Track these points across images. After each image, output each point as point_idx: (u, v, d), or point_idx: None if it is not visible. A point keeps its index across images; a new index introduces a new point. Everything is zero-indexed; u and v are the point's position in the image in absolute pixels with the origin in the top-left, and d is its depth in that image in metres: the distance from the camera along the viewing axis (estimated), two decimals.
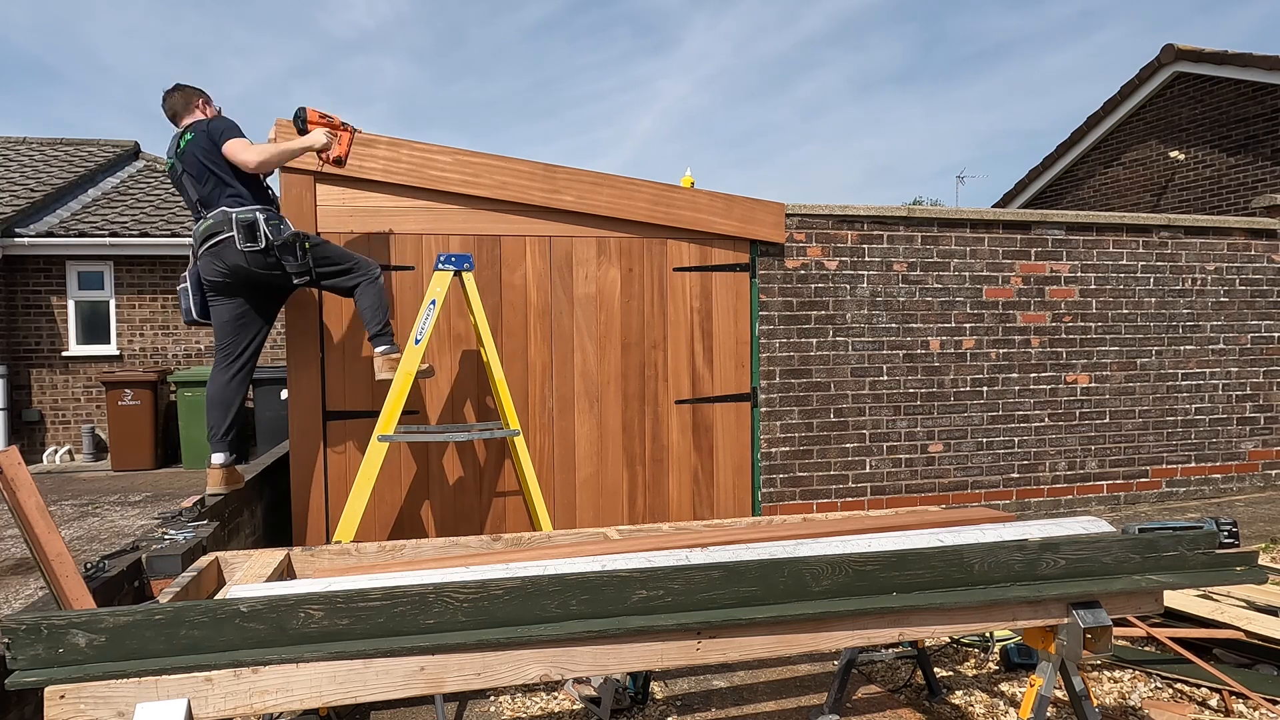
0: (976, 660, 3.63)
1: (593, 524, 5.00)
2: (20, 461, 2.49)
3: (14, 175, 11.00)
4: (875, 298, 5.68)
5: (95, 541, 5.60)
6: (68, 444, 10.06)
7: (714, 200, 5.22)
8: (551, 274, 5.00)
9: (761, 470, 5.44)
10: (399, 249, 4.78)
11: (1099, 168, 11.31)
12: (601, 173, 5.01)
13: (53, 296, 10.00)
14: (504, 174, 4.84)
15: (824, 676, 3.47)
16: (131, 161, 12.46)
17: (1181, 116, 10.07)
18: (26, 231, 9.59)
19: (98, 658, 1.74)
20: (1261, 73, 8.89)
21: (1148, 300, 6.28)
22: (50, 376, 10.03)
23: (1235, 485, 6.59)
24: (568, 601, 2.01)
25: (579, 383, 5.04)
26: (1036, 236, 6.01)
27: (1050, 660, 2.37)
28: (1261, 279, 6.56)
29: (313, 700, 1.82)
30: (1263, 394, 6.62)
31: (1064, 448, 6.14)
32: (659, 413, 5.18)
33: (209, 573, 2.59)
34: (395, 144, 4.70)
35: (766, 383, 5.46)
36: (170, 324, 10.31)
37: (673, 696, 3.33)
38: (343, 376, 4.71)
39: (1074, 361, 6.15)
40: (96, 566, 2.97)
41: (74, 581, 2.46)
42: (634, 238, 5.11)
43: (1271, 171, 8.96)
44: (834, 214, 5.57)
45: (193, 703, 1.72)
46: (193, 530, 3.57)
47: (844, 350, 5.63)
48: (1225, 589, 3.82)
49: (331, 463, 4.69)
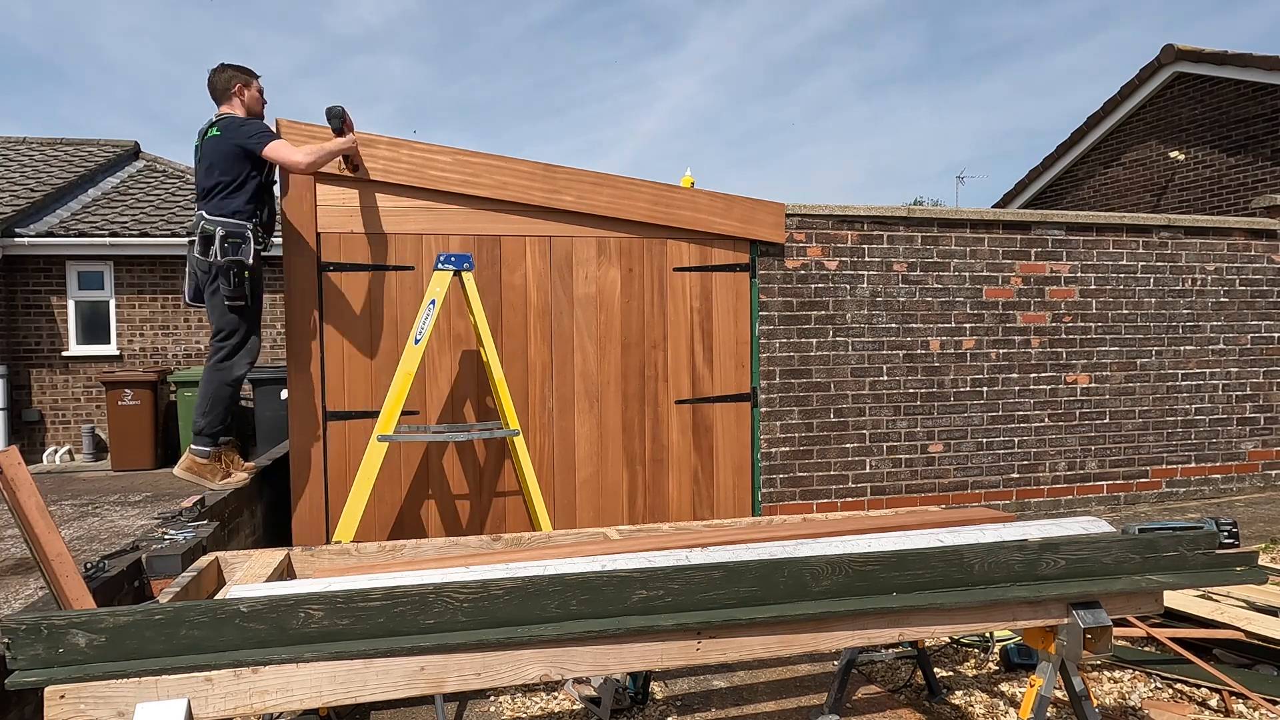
0: (976, 660, 3.63)
1: (593, 524, 5.00)
2: (20, 461, 2.49)
3: (14, 175, 11.00)
4: (875, 298, 5.68)
5: (95, 541, 5.60)
6: (68, 444, 10.06)
7: (714, 200, 5.22)
8: (551, 274, 4.99)
9: (761, 470, 5.44)
10: (399, 249, 4.78)
11: (1099, 168, 11.31)
12: (601, 173, 5.01)
13: (53, 296, 10.00)
14: (504, 174, 4.84)
15: (824, 676, 3.47)
16: (131, 161, 12.46)
17: (1181, 117, 10.07)
18: (26, 231, 9.58)
19: (98, 658, 1.74)
20: (1261, 73, 8.89)
21: (1148, 300, 6.28)
22: (50, 376, 10.03)
23: (1235, 485, 6.59)
24: (568, 601, 2.01)
25: (579, 383, 5.04)
26: (1036, 237, 6.01)
27: (1050, 660, 2.37)
28: (1261, 279, 6.56)
29: (313, 700, 1.82)
30: (1263, 394, 6.62)
31: (1064, 448, 6.14)
32: (659, 413, 5.18)
33: (209, 573, 2.59)
34: (395, 144, 4.70)
35: (766, 383, 5.46)
36: (170, 324, 10.31)
37: (673, 696, 3.32)
38: (343, 376, 4.71)
39: (1074, 362, 6.15)
40: (96, 566, 2.97)
41: (74, 581, 2.46)
42: (634, 238, 5.11)
43: (1271, 171, 8.96)
44: (834, 214, 5.57)
45: (193, 703, 1.72)
46: (193, 530, 3.57)
47: (844, 350, 5.63)
48: (1225, 589, 3.82)
49: (331, 463, 4.69)
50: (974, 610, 2.27)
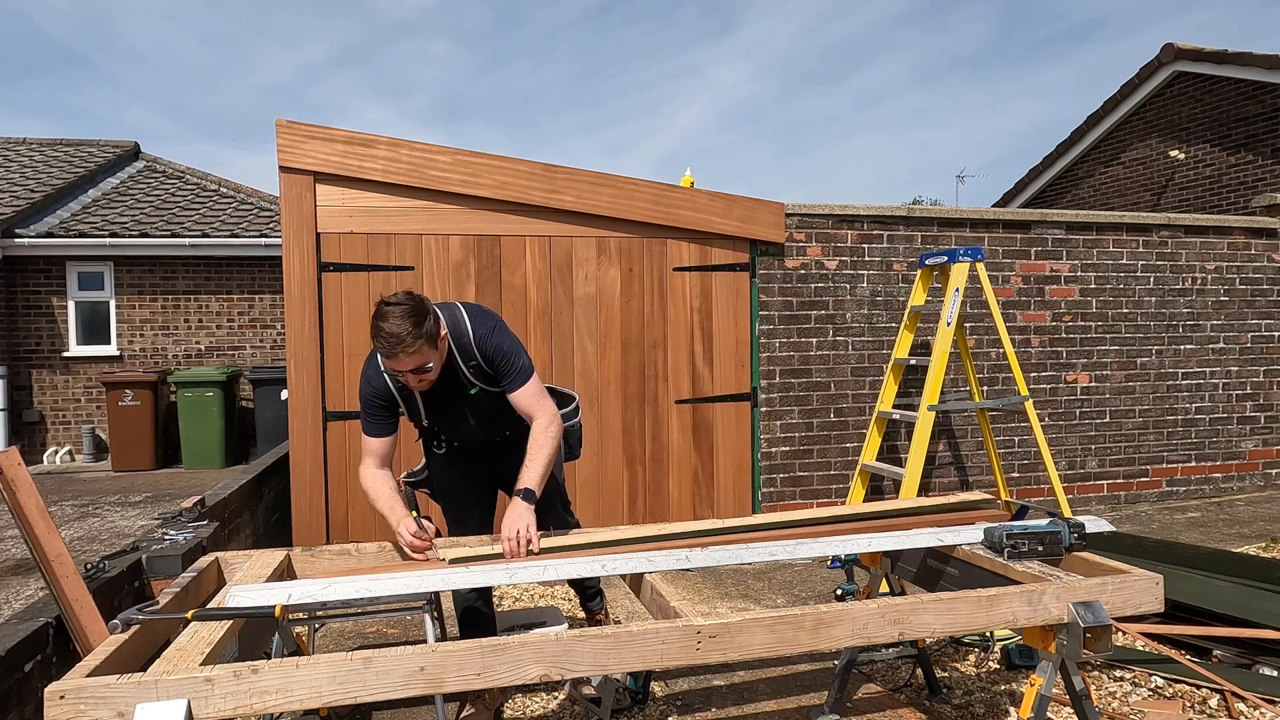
0: (976, 660, 3.63)
1: (593, 524, 4.99)
2: (20, 462, 2.49)
3: (14, 175, 10.99)
4: (875, 297, 5.68)
5: (95, 542, 5.60)
6: (68, 444, 10.05)
7: (714, 200, 5.21)
8: (551, 274, 4.99)
9: (761, 470, 5.44)
10: (399, 249, 4.78)
11: (1099, 167, 11.30)
12: (601, 173, 5.01)
13: (53, 297, 9.99)
14: (504, 174, 4.84)
15: (824, 676, 3.46)
16: (132, 162, 12.46)
17: (1181, 115, 10.06)
18: (26, 232, 9.58)
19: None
20: (1262, 72, 8.88)
21: (1148, 299, 6.28)
22: (50, 377, 10.03)
23: (1235, 484, 6.59)
24: None
25: (579, 383, 5.03)
26: (1036, 236, 6.01)
27: (1050, 660, 2.37)
28: (1261, 278, 6.56)
29: (313, 700, 1.82)
30: (1263, 393, 6.62)
31: (1064, 447, 6.14)
32: (659, 413, 5.18)
33: (209, 573, 2.58)
34: (395, 144, 4.70)
35: (766, 382, 5.45)
36: (170, 324, 10.30)
37: (673, 696, 3.32)
38: (343, 376, 4.71)
39: (1074, 361, 6.14)
40: (96, 567, 2.97)
41: (74, 582, 2.46)
42: (634, 237, 5.11)
43: (1271, 171, 8.95)
44: (834, 214, 5.57)
45: (192, 703, 1.72)
46: (193, 530, 3.57)
47: (844, 350, 5.62)
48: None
49: (331, 463, 4.69)
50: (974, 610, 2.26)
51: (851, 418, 5.64)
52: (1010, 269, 5.97)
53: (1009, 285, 5.98)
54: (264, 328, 10.39)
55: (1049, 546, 2.51)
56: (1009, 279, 5.97)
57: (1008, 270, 5.96)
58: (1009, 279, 5.97)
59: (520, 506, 2.60)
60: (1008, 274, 5.96)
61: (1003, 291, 5.95)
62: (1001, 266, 5.94)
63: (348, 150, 4.65)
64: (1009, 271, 5.96)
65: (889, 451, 5.68)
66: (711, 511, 5.29)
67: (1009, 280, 5.97)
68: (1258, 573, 3.77)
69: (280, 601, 2.15)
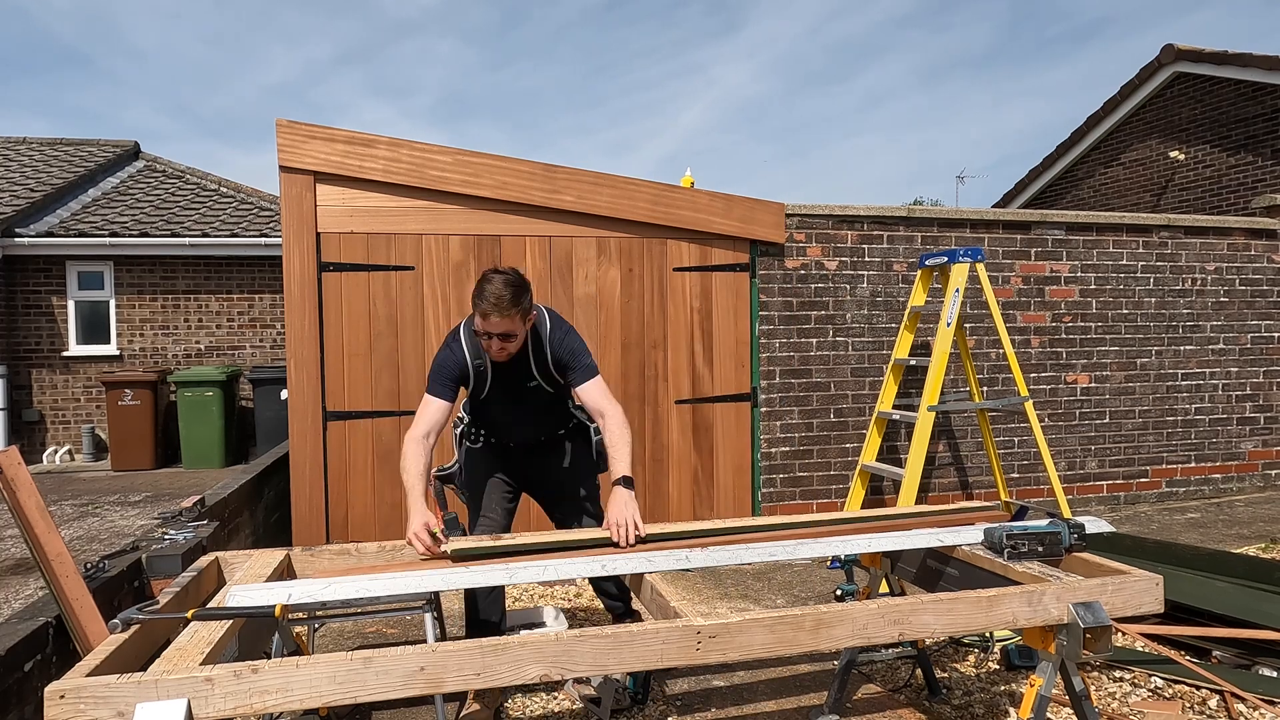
0: (976, 660, 3.63)
1: None
2: (20, 461, 2.49)
3: (14, 175, 10.99)
4: (875, 298, 5.68)
5: (95, 541, 5.60)
6: (68, 444, 10.05)
7: (714, 200, 5.21)
8: (551, 274, 4.99)
9: (761, 470, 5.44)
10: (399, 249, 4.78)
11: (1099, 168, 11.30)
12: (601, 173, 5.01)
13: (53, 296, 9.99)
14: (504, 174, 4.84)
15: (824, 676, 3.46)
16: (131, 162, 12.45)
17: (1181, 116, 10.06)
18: (26, 231, 9.58)
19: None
20: (1261, 73, 8.89)
21: (1148, 300, 6.28)
22: (50, 376, 10.03)
23: (1235, 485, 6.59)
24: None
25: None
26: (1036, 236, 6.01)
27: (1050, 660, 2.37)
28: (1261, 279, 6.56)
29: (313, 700, 1.82)
30: (1263, 394, 6.62)
31: (1064, 448, 6.14)
32: (659, 413, 5.18)
33: (209, 573, 2.58)
34: (395, 144, 4.70)
35: (766, 383, 5.45)
36: (170, 324, 10.30)
37: (673, 696, 3.32)
38: (343, 376, 4.71)
39: (1074, 361, 6.15)
40: (96, 566, 2.97)
41: (74, 581, 2.46)
42: (634, 238, 5.11)
43: (1271, 171, 8.95)
44: (834, 214, 5.57)
45: (192, 703, 1.72)
46: (193, 530, 3.57)
47: (844, 350, 5.63)
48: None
49: (331, 463, 4.69)
50: (974, 610, 2.26)
51: (851, 418, 5.65)
52: (1010, 270, 5.97)
53: (1009, 286, 5.98)
54: (264, 327, 10.39)
55: (1049, 547, 2.51)
56: (1009, 279, 5.97)
57: (1008, 271, 5.96)
58: (1009, 279, 5.97)
59: (623, 494, 2.77)
60: (1008, 275, 5.96)
61: (1003, 292, 5.95)
62: (1001, 267, 5.94)
63: (348, 150, 4.66)
64: (1009, 272, 5.96)
65: (889, 452, 5.68)
66: (711, 512, 5.29)
67: (1009, 281, 5.97)
68: (1257, 573, 3.78)
69: (280, 601, 2.15)
